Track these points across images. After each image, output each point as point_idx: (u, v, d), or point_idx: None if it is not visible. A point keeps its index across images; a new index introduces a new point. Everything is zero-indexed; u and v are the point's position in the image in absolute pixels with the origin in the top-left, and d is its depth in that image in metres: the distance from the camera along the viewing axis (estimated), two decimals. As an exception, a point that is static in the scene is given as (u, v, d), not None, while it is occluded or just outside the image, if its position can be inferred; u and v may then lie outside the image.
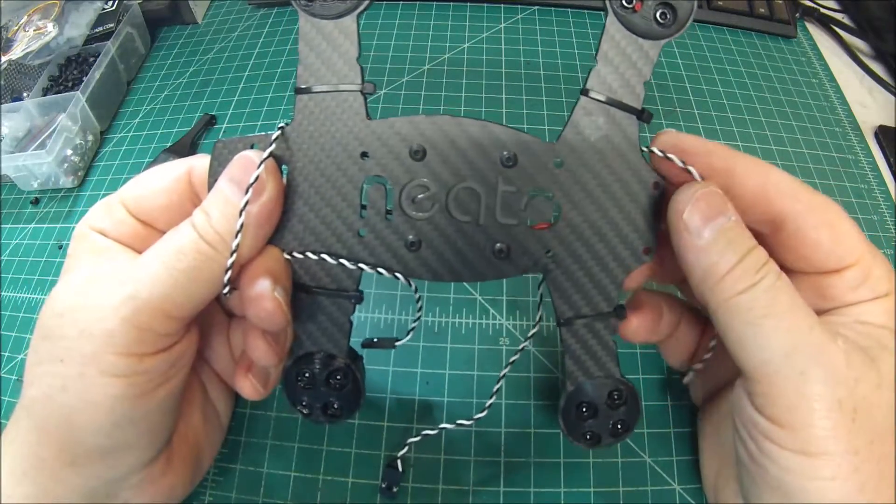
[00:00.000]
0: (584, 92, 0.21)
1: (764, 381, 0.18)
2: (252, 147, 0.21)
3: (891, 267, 0.20)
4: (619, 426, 0.22)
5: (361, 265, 0.22)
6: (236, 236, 0.19)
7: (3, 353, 0.32)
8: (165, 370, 0.20)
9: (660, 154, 0.21)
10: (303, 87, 0.21)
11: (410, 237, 0.21)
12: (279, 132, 0.21)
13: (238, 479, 0.27)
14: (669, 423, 0.28)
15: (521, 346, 0.24)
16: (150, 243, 0.20)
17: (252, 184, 0.19)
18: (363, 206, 0.22)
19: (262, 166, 0.19)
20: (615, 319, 0.22)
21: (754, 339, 0.18)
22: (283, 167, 0.21)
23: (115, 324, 0.18)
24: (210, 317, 0.24)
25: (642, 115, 0.21)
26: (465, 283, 0.32)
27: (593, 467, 0.27)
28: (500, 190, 0.21)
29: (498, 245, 0.22)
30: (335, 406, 0.23)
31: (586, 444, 0.23)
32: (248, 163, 0.20)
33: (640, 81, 0.21)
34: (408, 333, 0.25)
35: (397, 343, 0.25)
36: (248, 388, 0.23)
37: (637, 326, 0.23)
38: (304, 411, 0.23)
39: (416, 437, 0.25)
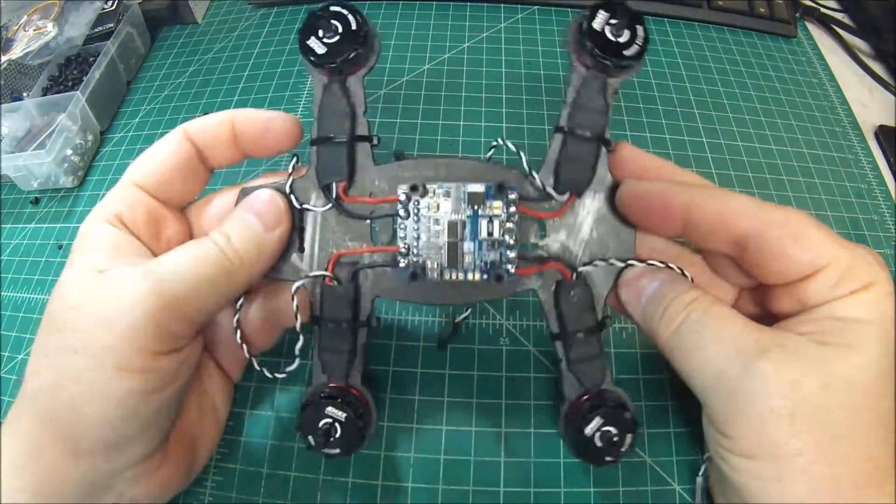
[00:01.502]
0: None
1: (706, 403, 0.20)
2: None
3: (873, 259, 0.20)
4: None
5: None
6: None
7: (3, 353, 0.33)
8: (175, 370, 0.20)
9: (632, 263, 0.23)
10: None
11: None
12: (290, 179, 0.23)
13: (238, 479, 0.27)
14: (669, 423, 0.28)
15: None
16: (165, 224, 0.23)
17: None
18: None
19: (282, 203, 0.23)
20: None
21: (690, 370, 0.20)
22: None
23: (137, 317, 0.19)
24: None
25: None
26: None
27: (593, 467, 0.27)
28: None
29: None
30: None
31: None
32: (269, 198, 0.23)
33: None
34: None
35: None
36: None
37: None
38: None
39: (466, 312, 0.31)
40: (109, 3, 0.45)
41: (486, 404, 0.28)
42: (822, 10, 0.50)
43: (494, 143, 0.26)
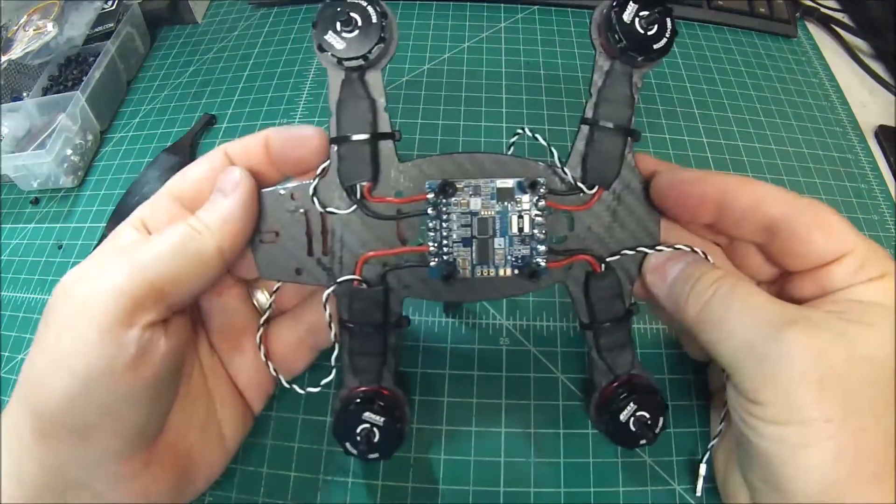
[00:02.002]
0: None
1: (736, 371, 0.20)
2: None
3: (885, 253, 0.21)
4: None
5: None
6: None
7: (3, 353, 0.33)
8: (137, 353, 0.20)
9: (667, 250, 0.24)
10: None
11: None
12: (317, 180, 0.23)
13: (238, 479, 0.27)
14: (670, 422, 0.28)
15: None
16: None
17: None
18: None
19: (237, 171, 0.22)
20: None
21: (720, 341, 0.21)
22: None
23: (97, 288, 0.19)
24: (238, 330, 0.25)
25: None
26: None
27: (593, 467, 0.27)
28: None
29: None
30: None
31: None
32: (227, 171, 0.23)
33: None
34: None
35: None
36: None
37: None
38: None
39: None
40: (109, 3, 0.46)
41: (486, 404, 0.28)
42: (822, 10, 0.50)
43: (519, 131, 0.25)
